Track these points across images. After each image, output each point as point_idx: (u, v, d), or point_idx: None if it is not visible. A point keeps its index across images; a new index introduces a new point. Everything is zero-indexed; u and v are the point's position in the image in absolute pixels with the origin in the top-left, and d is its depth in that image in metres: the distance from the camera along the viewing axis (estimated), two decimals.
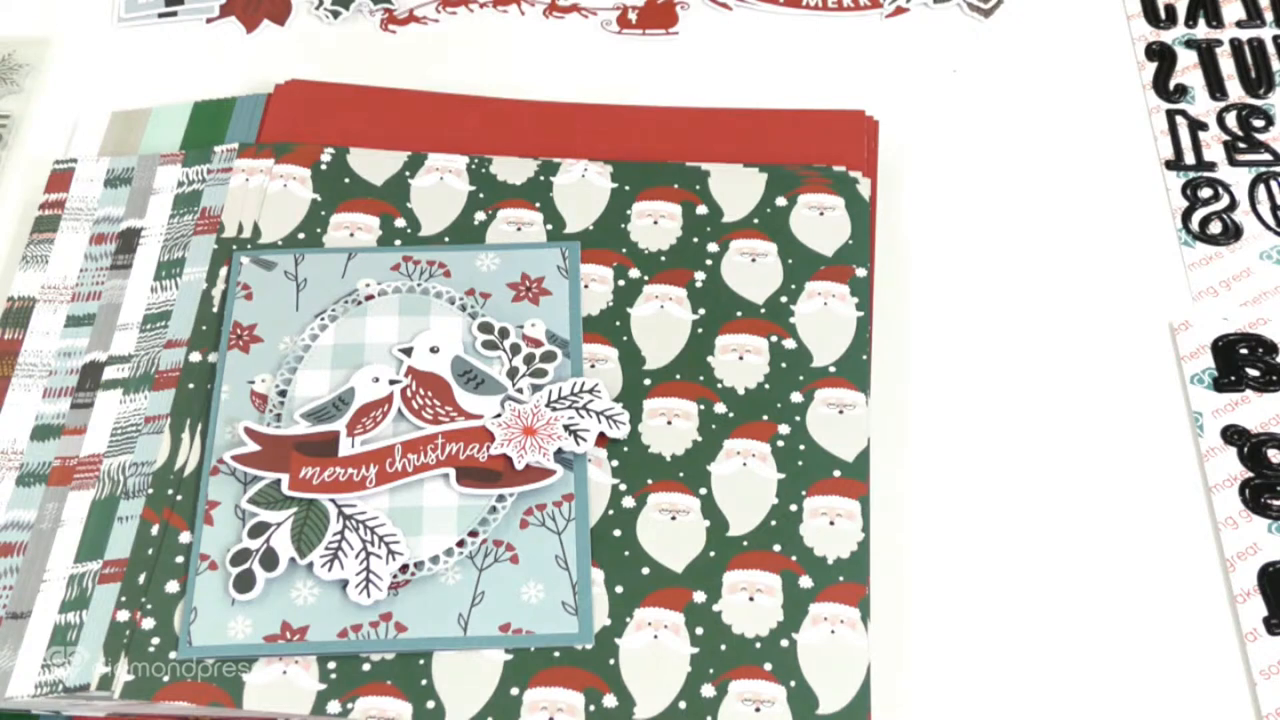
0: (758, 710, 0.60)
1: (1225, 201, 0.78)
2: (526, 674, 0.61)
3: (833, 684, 0.61)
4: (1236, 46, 0.84)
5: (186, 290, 0.72)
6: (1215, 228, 0.77)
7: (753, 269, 0.72)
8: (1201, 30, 0.85)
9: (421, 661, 0.61)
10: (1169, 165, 0.80)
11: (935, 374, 0.72)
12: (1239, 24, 0.85)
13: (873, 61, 0.84)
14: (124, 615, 0.62)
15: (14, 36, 0.85)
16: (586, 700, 0.61)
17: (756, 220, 0.74)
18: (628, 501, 0.66)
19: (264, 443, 0.65)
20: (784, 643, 0.62)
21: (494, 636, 0.62)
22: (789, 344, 0.70)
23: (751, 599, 0.63)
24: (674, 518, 0.65)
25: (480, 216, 0.74)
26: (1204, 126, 0.81)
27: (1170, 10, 0.86)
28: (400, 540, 0.63)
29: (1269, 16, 0.86)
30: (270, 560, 0.63)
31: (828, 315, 0.71)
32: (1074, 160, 0.80)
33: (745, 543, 0.64)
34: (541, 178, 0.76)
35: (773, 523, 0.65)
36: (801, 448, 0.67)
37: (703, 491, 0.66)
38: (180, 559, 0.64)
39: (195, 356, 0.69)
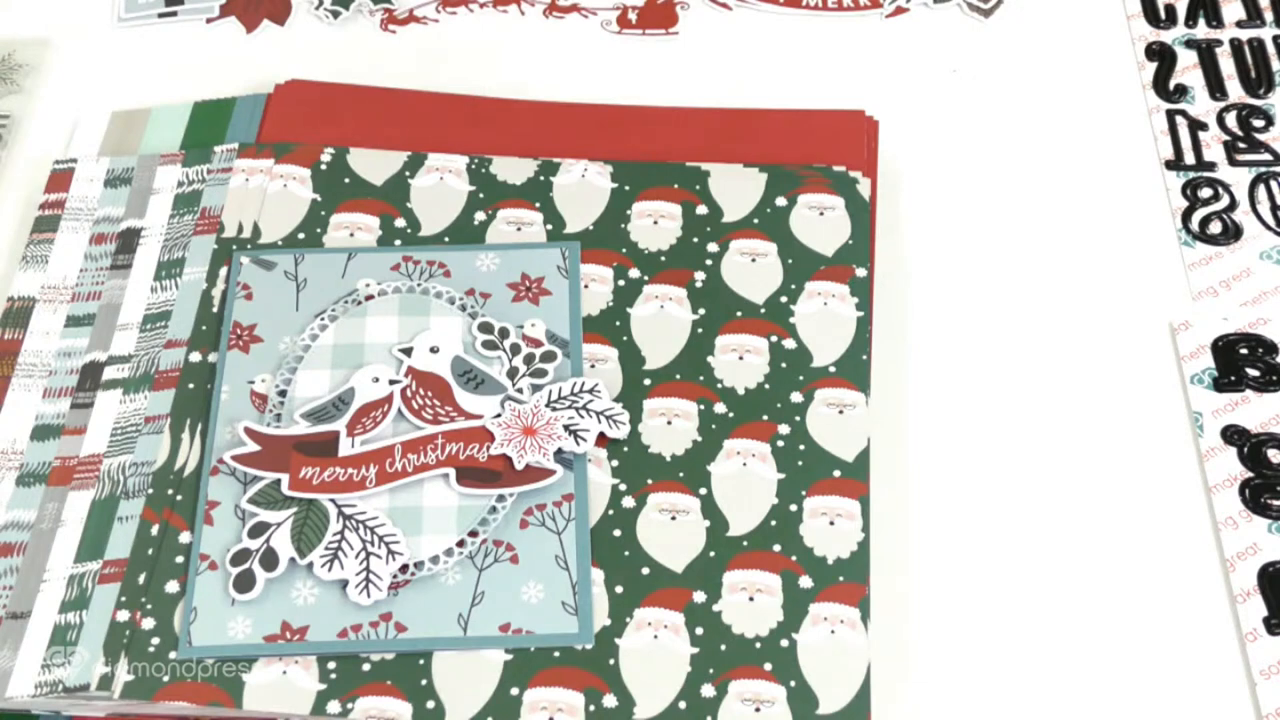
0: (758, 710, 0.60)
1: (1225, 201, 0.78)
2: (526, 674, 0.61)
3: (833, 684, 0.61)
4: (1236, 46, 0.84)
5: (186, 290, 0.72)
6: (1215, 228, 0.77)
7: (753, 269, 0.72)
8: (1201, 30, 0.85)
9: (421, 661, 0.61)
10: (1169, 165, 0.80)
11: (935, 374, 0.72)
12: (1239, 24, 0.85)
13: (873, 61, 0.84)
14: (124, 615, 0.62)
15: (14, 36, 0.85)
16: (586, 700, 0.61)
17: (756, 220, 0.74)
18: (628, 501, 0.66)
19: (264, 443, 0.65)
20: (784, 643, 0.62)
21: (494, 636, 0.62)
22: (789, 344, 0.70)
23: (751, 599, 0.63)
24: (674, 518, 0.65)
25: (480, 216, 0.74)
26: (1204, 126, 0.81)
27: (1170, 10, 0.86)
28: (400, 540, 0.63)
29: (1269, 16, 0.86)
30: (270, 560, 0.63)
31: (828, 315, 0.71)
32: (1074, 160, 0.80)
33: (745, 543, 0.64)
34: (541, 178, 0.76)
35: (773, 523, 0.65)
36: (801, 448, 0.67)
37: (703, 491, 0.66)
38: (180, 559, 0.64)
39: (195, 356, 0.69)
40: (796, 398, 0.68)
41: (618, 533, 0.65)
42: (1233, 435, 0.69)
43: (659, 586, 0.63)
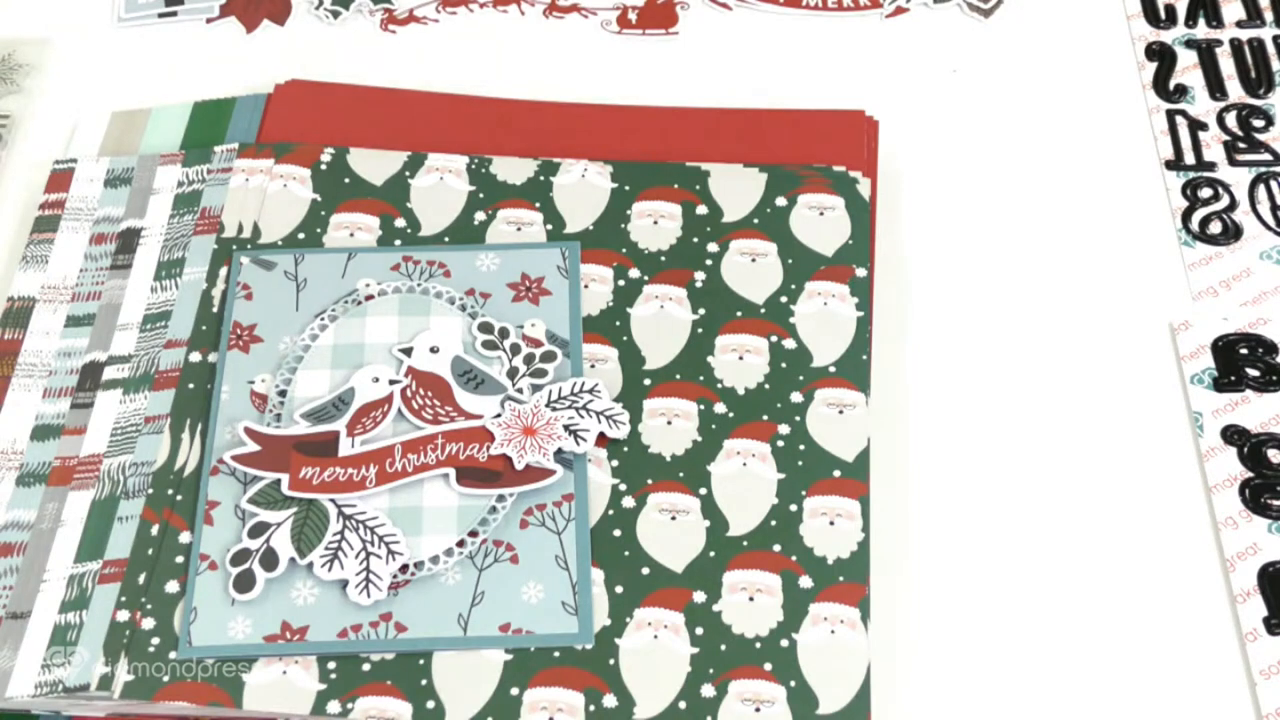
0: (758, 710, 0.60)
1: (1225, 201, 0.78)
2: (526, 674, 0.61)
3: (833, 684, 0.61)
4: (1236, 46, 0.84)
5: (186, 290, 0.72)
6: (1215, 228, 0.77)
7: (753, 269, 0.72)
8: (1201, 30, 0.85)
9: (421, 661, 0.61)
10: (1169, 165, 0.80)
11: (935, 374, 0.72)
12: (1239, 24, 0.85)
13: (873, 61, 0.84)
14: (124, 615, 0.62)
15: (14, 36, 0.85)
16: (586, 700, 0.61)
17: (756, 220, 0.74)
18: (628, 501, 0.66)
19: (264, 443, 0.65)
20: (784, 643, 0.62)
21: (494, 636, 0.62)
22: (789, 344, 0.70)
23: (751, 599, 0.63)
24: (674, 518, 0.65)
25: (480, 216, 0.74)
26: (1204, 126, 0.81)
27: (1170, 10, 0.86)
28: (400, 540, 0.63)
29: (1269, 16, 0.86)
30: (270, 560, 0.63)
31: (828, 315, 0.71)
32: (1074, 160, 0.80)
33: (745, 543, 0.64)
34: (541, 178, 0.76)
35: (773, 523, 0.65)
36: (801, 448, 0.67)
37: (703, 491, 0.66)
38: (180, 559, 0.64)
39: (195, 356, 0.69)
40: (796, 398, 0.68)
41: (618, 533, 0.65)
42: (1233, 435, 0.69)
43: (659, 586, 0.63)
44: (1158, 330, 0.73)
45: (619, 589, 0.63)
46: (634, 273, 0.72)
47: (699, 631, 0.62)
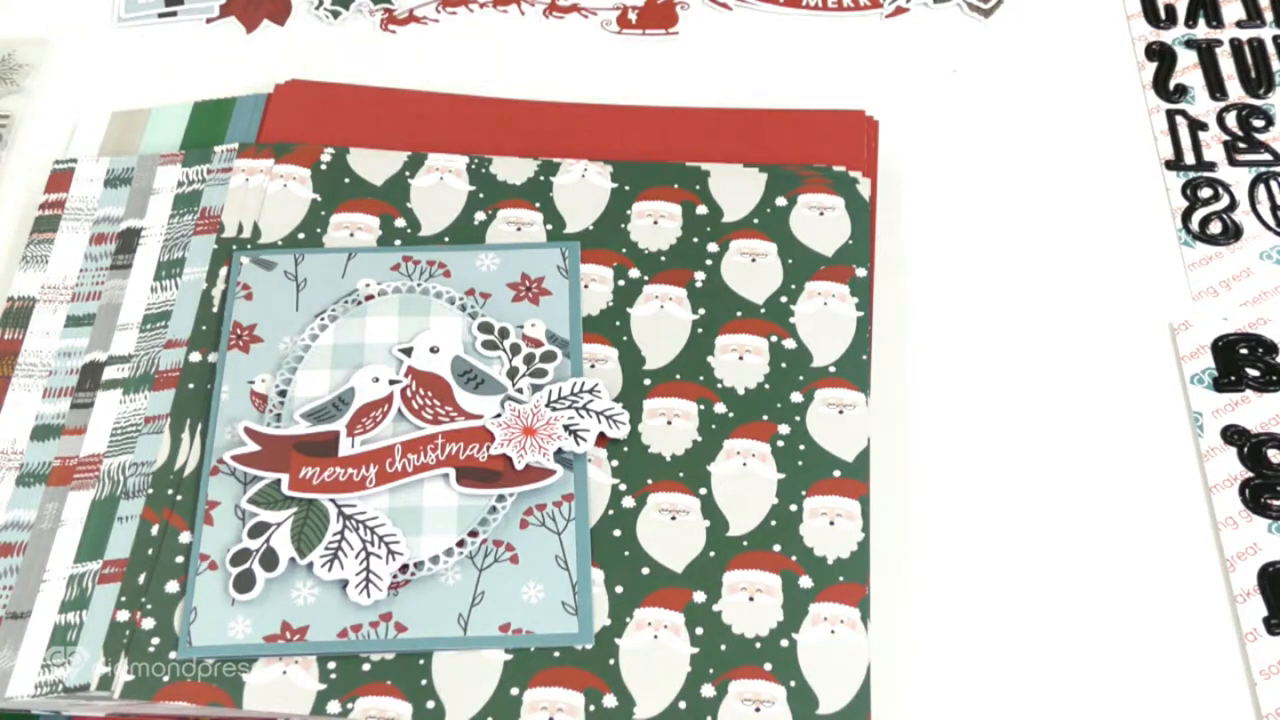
0: (758, 710, 0.60)
1: (1225, 201, 0.78)
2: (526, 674, 0.61)
3: (833, 684, 0.61)
4: (1236, 46, 0.84)
5: (186, 290, 0.72)
6: (1215, 228, 0.77)
7: (753, 269, 0.72)
8: (1201, 30, 0.85)
9: (421, 661, 0.61)
10: (1169, 165, 0.80)
11: (935, 374, 0.72)
12: (1239, 24, 0.85)
13: (873, 61, 0.84)
14: (124, 615, 0.62)
15: (14, 36, 0.85)
16: (586, 700, 0.61)
17: (756, 220, 0.74)
18: (628, 501, 0.66)
19: (264, 443, 0.65)
20: (784, 643, 0.62)
21: (494, 636, 0.62)
22: (789, 344, 0.70)
23: (751, 599, 0.63)
24: (674, 518, 0.65)
25: (480, 216, 0.74)
26: (1204, 126, 0.81)
27: (1170, 10, 0.86)
28: (400, 540, 0.63)
29: (1269, 16, 0.86)
30: (270, 560, 0.63)
31: (828, 315, 0.71)
32: (1074, 160, 0.80)
33: (745, 543, 0.64)
34: (541, 178, 0.76)
35: (773, 523, 0.65)
36: (801, 448, 0.67)
37: (703, 491, 0.66)
38: (180, 559, 0.64)
39: (195, 356, 0.69)
40: (796, 398, 0.68)
41: (618, 533, 0.65)
42: (1233, 435, 0.69)
43: (659, 586, 0.63)
44: (1158, 330, 0.73)
45: (619, 589, 0.63)
46: (634, 273, 0.72)
47: (699, 631, 0.62)
